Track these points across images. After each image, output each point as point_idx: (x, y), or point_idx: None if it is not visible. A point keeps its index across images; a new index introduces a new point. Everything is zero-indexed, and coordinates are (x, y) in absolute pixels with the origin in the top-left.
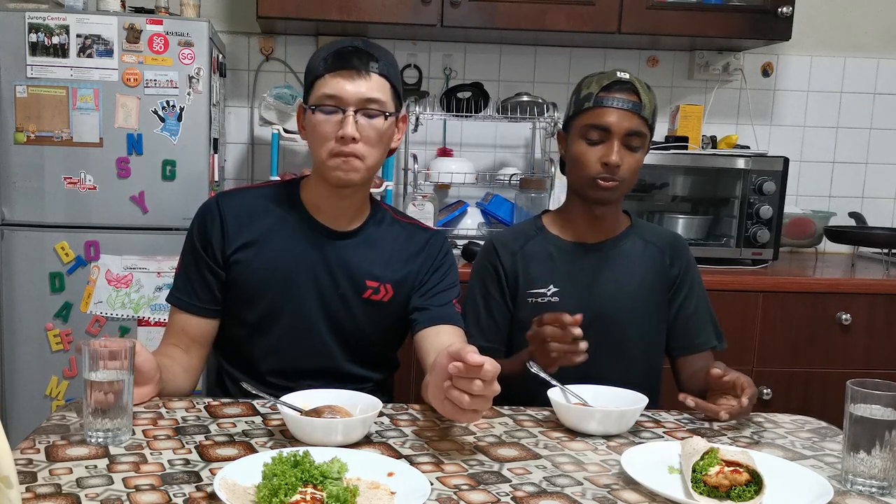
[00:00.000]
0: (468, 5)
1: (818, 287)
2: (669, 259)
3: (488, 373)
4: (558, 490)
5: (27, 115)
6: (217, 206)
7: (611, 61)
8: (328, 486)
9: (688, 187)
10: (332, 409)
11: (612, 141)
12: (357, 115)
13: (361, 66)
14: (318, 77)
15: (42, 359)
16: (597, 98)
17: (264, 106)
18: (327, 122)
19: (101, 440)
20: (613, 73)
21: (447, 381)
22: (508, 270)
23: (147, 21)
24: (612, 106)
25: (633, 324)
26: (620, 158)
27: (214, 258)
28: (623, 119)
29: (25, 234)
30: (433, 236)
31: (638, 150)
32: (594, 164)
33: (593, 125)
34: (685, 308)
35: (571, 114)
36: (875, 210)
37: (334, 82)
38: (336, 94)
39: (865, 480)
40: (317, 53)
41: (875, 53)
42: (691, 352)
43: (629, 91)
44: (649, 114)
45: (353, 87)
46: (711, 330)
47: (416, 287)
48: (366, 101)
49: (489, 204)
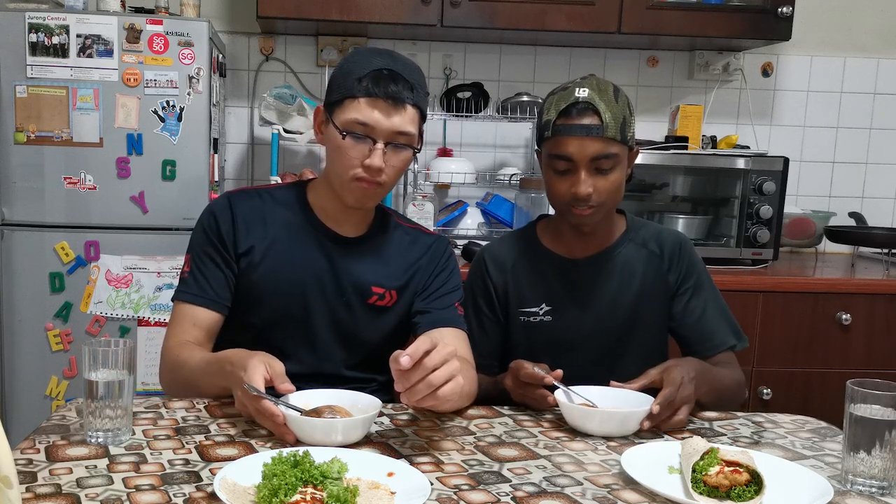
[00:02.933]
0: (468, 5)
1: (818, 287)
2: (668, 264)
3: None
4: (558, 490)
5: (27, 115)
6: (229, 204)
7: (611, 61)
8: (328, 486)
9: (688, 187)
10: (332, 409)
11: (577, 171)
12: (387, 147)
13: (398, 97)
14: (351, 97)
15: (42, 359)
16: (555, 126)
17: (264, 106)
18: (355, 148)
19: (101, 440)
20: (571, 93)
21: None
22: (499, 288)
23: (147, 21)
24: (572, 134)
25: (630, 335)
26: (591, 185)
27: (228, 252)
28: (585, 146)
29: (25, 234)
30: (436, 241)
31: (611, 170)
32: (565, 194)
33: (556, 155)
34: (691, 312)
35: (537, 138)
36: (875, 210)
37: (368, 110)
38: (369, 124)
39: (865, 480)
40: (350, 65)
41: (875, 53)
42: (708, 354)
43: (589, 113)
44: (616, 131)
45: (387, 120)
46: (727, 329)
47: (419, 291)
48: (397, 133)
49: (489, 204)
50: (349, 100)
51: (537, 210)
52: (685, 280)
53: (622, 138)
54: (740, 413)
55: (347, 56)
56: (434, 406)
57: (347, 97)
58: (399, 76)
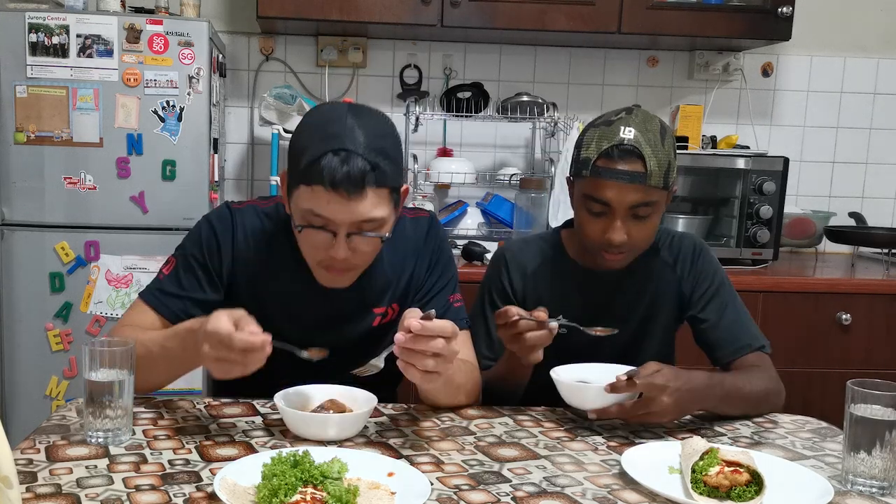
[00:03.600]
0: (468, 5)
1: (818, 287)
2: (681, 273)
3: (446, 329)
4: (558, 490)
5: (27, 115)
6: (231, 219)
7: (611, 61)
8: (328, 486)
9: (688, 187)
10: (333, 402)
11: (614, 217)
12: (350, 237)
13: (355, 184)
14: (304, 184)
15: (42, 359)
16: (594, 167)
17: (264, 106)
18: (316, 238)
19: (101, 440)
20: (616, 132)
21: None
22: (518, 292)
23: (147, 21)
24: (612, 179)
25: (643, 344)
26: (626, 232)
27: (220, 275)
28: (625, 193)
29: (25, 234)
30: (428, 231)
31: (648, 217)
32: (597, 237)
33: (592, 197)
34: (710, 317)
35: (573, 171)
36: (875, 210)
37: (324, 202)
38: (325, 217)
39: (866, 480)
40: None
41: (875, 53)
42: (734, 357)
43: (633, 158)
44: (660, 179)
45: (346, 212)
46: (751, 331)
47: (419, 288)
48: (361, 222)
49: (489, 204)
50: (303, 186)
51: (537, 210)
52: (700, 286)
53: (665, 185)
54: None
55: (304, 123)
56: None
57: (301, 183)
58: (354, 156)
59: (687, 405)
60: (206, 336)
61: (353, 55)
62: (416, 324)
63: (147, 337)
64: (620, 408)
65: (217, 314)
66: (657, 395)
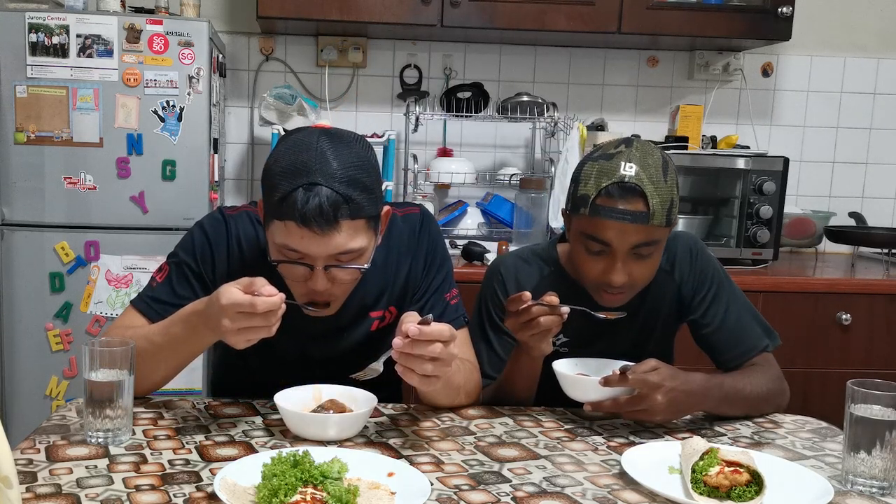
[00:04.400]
0: (468, 5)
1: (818, 287)
2: (679, 278)
3: (444, 334)
4: (558, 490)
5: (27, 115)
6: (225, 226)
7: (611, 61)
8: (328, 487)
9: (688, 187)
10: (333, 402)
11: (614, 258)
12: (329, 268)
13: (328, 219)
14: (277, 219)
15: (42, 359)
16: (593, 206)
17: (264, 106)
18: (293, 272)
19: (101, 440)
20: (616, 168)
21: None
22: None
23: (147, 21)
24: (612, 219)
25: (642, 353)
26: (627, 273)
27: (214, 283)
28: (626, 234)
29: (25, 234)
30: (420, 227)
31: (650, 256)
32: (597, 277)
33: (591, 237)
34: (713, 320)
35: (570, 205)
36: (875, 210)
37: (297, 238)
38: (300, 251)
39: (866, 480)
40: (275, 174)
41: (875, 53)
42: (740, 361)
43: (634, 197)
44: (662, 218)
45: (322, 246)
46: (756, 331)
47: (416, 289)
48: (338, 255)
49: (489, 204)
50: (277, 221)
51: (537, 210)
52: (700, 290)
53: (667, 223)
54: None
55: (276, 153)
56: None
57: (274, 217)
58: (324, 191)
59: (683, 406)
60: (224, 310)
61: (353, 55)
62: (414, 329)
63: (147, 331)
64: (614, 402)
65: (226, 287)
66: (651, 392)
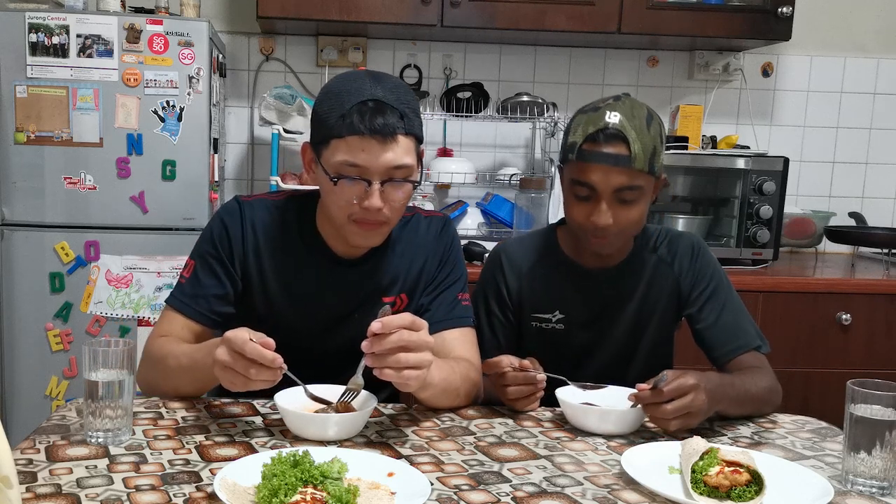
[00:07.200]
0: (468, 5)
1: (818, 287)
2: (679, 271)
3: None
4: (558, 490)
5: (27, 115)
6: (240, 211)
7: (611, 61)
8: (328, 486)
9: (688, 187)
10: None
11: (599, 200)
12: (384, 185)
13: (388, 130)
14: (337, 137)
15: (42, 359)
16: (580, 151)
17: (264, 106)
18: (350, 190)
19: (101, 440)
20: (602, 116)
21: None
22: (513, 290)
23: (147, 21)
24: (597, 162)
25: (640, 343)
26: (612, 216)
27: (234, 265)
28: (609, 176)
29: (25, 234)
30: (442, 230)
31: (634, 202)
32: (584, 221)
33: (578, 181)
34: (708, 316)
35: (561, 157)
36: (875, 210)
37: (357, 150)
38: (361, 165)
39: (866, 481)
40: (332, 99)
41: (875, 53)
42: (731, 357)
43: (617, 141)
44: (644, 162)
45: (380, 158)
46: (749, 331)
47: (429, 282)
48: (393, 169)
49: (489, 204)
50: (335, 140)
51: (537, 210)
52: (698, 285)
53: (650, 169)
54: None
55: (327, 86)
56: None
57: (333, 137)
58: (385, 105)
59: (713, 404)
60: (224, 340)
61: (353, 55)
62: (375, 324)
63: (180, 350)
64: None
65: (240, 328)
66: (693, 393)
